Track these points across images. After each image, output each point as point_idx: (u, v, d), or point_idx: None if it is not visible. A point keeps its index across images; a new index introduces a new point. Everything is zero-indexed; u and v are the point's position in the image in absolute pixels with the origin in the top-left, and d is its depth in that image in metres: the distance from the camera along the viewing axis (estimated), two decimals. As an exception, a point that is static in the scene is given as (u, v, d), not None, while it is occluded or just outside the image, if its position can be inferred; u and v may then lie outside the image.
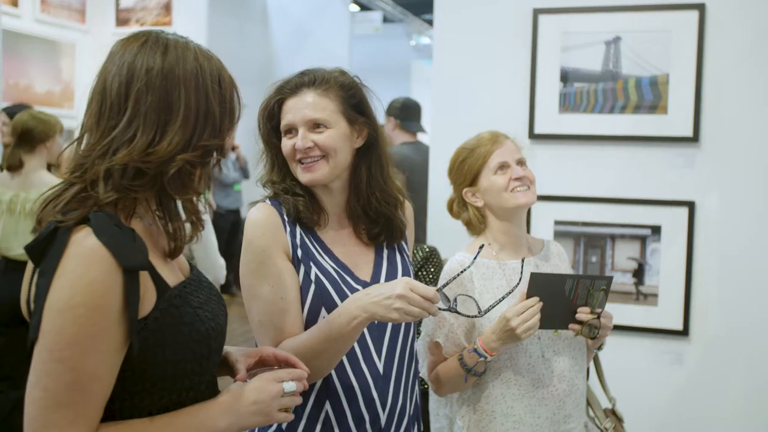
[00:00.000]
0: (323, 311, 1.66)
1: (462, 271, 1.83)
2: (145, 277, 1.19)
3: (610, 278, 2.00)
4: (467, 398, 2.05)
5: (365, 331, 1.68)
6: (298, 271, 1.68)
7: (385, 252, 1.80)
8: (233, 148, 7.98)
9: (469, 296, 1.83)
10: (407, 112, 4.37)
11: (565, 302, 1.94)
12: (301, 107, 1.71)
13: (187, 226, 1.31)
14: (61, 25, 6.84)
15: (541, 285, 1.91)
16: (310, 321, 1.66)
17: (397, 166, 1.89)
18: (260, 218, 1.69)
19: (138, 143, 1.21)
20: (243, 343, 6.40)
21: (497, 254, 2.08)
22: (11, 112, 4.56)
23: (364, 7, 10.91)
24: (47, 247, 1.16)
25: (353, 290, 1.68)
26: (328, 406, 1.67)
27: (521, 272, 1.98)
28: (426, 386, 2.18)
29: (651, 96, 2.84)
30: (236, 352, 1.45)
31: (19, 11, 6.59)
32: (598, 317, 1.96)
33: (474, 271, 2.02)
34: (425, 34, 12.74)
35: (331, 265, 1.71)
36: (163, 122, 1.23)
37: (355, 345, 1.67)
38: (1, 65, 5.02)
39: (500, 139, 2.10)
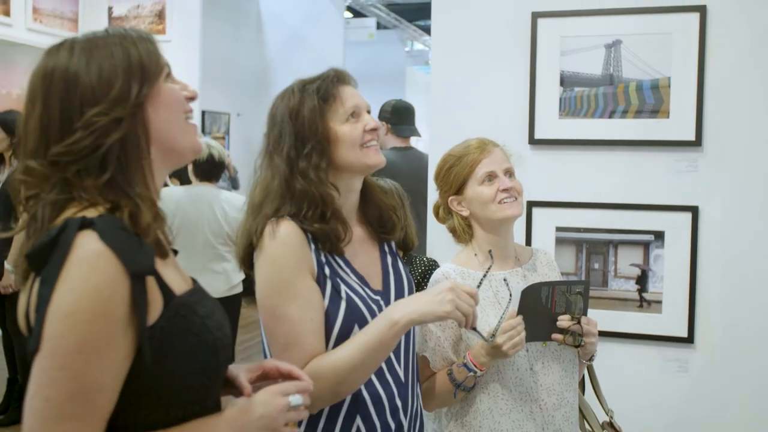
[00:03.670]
0: (356, 328, 1.63)
1: (485, 274, 1.85)
2: (151, 283, 1.15)
3: (587, 282, 1.98)
4: (455, 413, 2.00)
5: None
6: (324, 289, 1.64)
7: (389, 259, 1.82)
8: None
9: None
10: (399, 116, 4.26)
11: (545, 312, 1.91)
12: (359, 95, 1.74)
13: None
14: (54, 34, 6.80)
15: (524, 299, 1.88)
16: (342, 339, 1.63)
17: (381, 171, 1.88)
18: (285, 236, 1.62)
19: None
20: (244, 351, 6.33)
21: (482, 265, 2.03)
22: (2, 118, 4.56)
23: (358, 14, 10.91)
24: (49, 254, 1.10)
25: (374, 301, 1.68)
26: (359, 420, 1.65)
27: (509, 291, 1.96)
28: None
29: (652, 100, 2.80)
30: (235, 368, 1.40)
31: (11, 20, 6.56)
32: (579, 323, 1.92)
33: (460, 283, 1.98)
34: (419, 41, 12.77)
35: (354, 280, 1.69)
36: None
37: None
38: (-7, 75, 4.98)
39: (488, 148, 2.04)
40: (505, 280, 1.95)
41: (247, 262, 1.71)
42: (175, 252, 1.39)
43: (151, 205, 1.21)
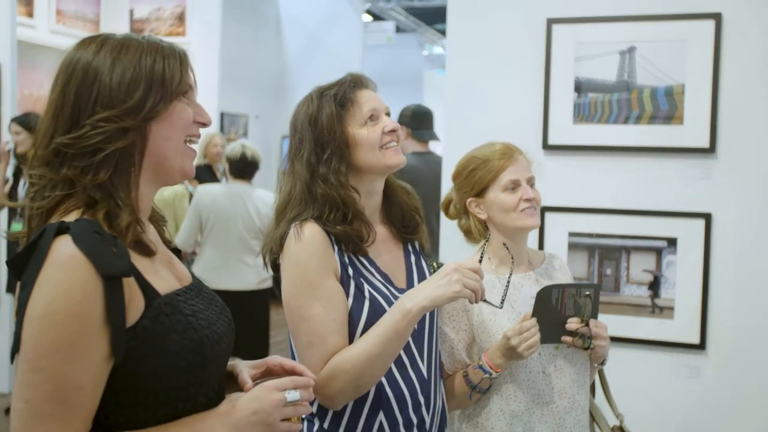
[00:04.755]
0: None
1: (482, 254, 1.88)
2: (130, 284, 1.16)
3: (597, 285, 2.00)
4: (468, 414, 2.02)
5: (410, 339, 1.72)
6: (348, 289, 1.69)
7: (412, 258, 1.87)
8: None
9: None
10: (418, 120, 4.32)
11: (555, 314, 1.93)
12: (377, 98, 1.78)
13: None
14: (76, 36, 6.86)
15: (538, 302, 1.91)
16: None
17: (402, 176, 1.92)
18: (309, 238, 1.67)
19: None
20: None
21: (496, 268, 2.06)
22: (22, 120, 4.64)
23: (376, 17, 10.94)
24: (28, 260, 1.13)
25: (397, 299, 1.72)
26: (381, 415, 1.70)
27: (511, 257, 1.99)
28: None
29: (666, 106, 2.81)
30: (241, 363, 1.42)
31: (34, 22, 6.65)
32: (587, 325, 1.93)
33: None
34: (438, 44, 12.77)
35: (378, 279, 1.74)
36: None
37: (403, 353, 1.72)
38: (16, 76, 5.05)
39: (514, 155, 2.06)
40: (509, 276, 1.98)
41: (273, 264, 1.77)
42: (176, 251, 1.41)
43: (130, 210, 1.22)
